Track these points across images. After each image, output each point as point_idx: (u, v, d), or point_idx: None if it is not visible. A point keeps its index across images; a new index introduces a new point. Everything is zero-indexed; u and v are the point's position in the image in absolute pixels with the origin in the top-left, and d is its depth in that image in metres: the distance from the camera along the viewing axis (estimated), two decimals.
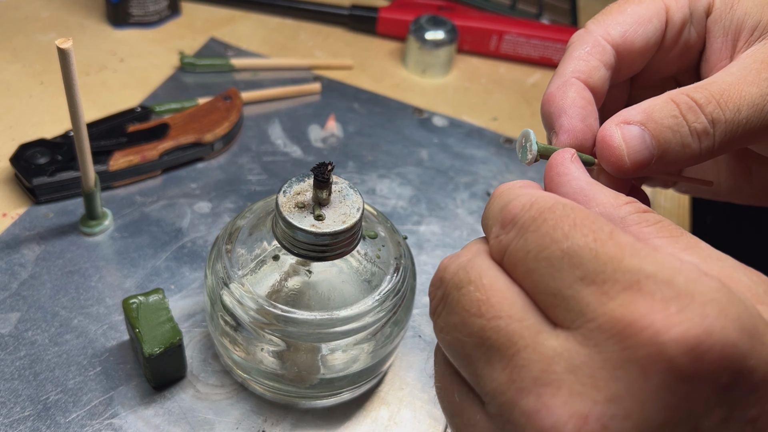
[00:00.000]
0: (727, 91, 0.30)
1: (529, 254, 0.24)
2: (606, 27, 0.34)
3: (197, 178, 0.54)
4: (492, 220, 0.26)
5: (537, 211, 0.24)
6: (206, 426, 0.39)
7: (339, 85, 0.65)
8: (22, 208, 0.50)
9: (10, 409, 0.39)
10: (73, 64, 0.39)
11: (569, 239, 0.23)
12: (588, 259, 0.22)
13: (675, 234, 0.25)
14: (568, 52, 0.34)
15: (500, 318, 0.24)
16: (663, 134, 0.30)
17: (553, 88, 0.33)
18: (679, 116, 0.30)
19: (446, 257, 0.27)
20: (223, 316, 0.38)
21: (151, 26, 0.67)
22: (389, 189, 0.55)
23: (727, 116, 0.30)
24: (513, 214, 0.25)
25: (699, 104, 0.30)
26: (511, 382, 0.23)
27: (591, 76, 0.33)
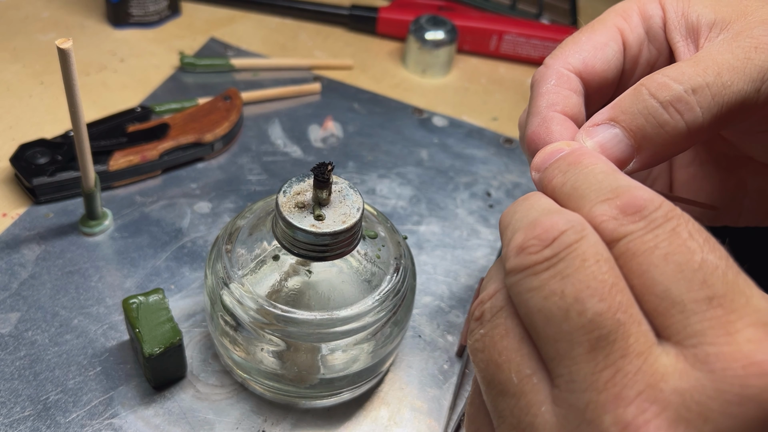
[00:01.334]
0: (701, 60, 0.29)
1: (658, 251, 0.22)
2: (564, 58, 0.33)
3: (197, 178, 0.54)
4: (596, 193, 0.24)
5: (669, 212, 0.23)
6: (206, 426, 0.39)
7: (339, 85, 0.65)
8: (22, 208, 0.50)
9: (10, 409, 0.39)
10: (73, 64, 0.39)
11: (704, 253, 0.22)
12: (722, 282, 0.21)
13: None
14: (534, 91, 0.33)
15: (624, 312, 0.22)
16: (635, 121, 0.28)
17: (534, 127, 0.32)
18: (648, 97, 0.28)
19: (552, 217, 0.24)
20: (223, 316, 0.38)
21: (151, 26, 0.67)
22: (389, 189, 0.55)
23: (709, 80, 0.28)
24: (641, 204, 0.23)
25: (672, 77, 0.28)
26: (612, 383, 0.21)
27: (566, 105, 0.32)
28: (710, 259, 0.22)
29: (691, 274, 0.22)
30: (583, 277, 0.22)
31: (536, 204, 0.26)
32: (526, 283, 0.23)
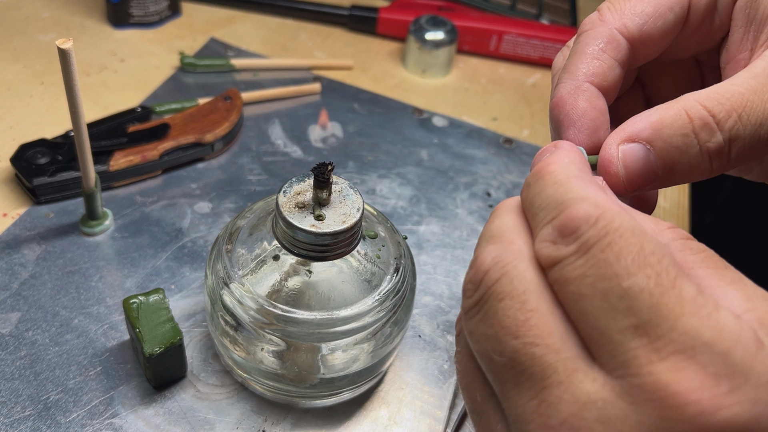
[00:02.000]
0: (750, 101, 0.27)
1: (586, 279, 0.22)
2: (622, 17, 0.31)
3: (197, 178, 0.54)
4: (545, 212, 0.24)
5: (602, 229, 0.22)
6: (206, 426, 0.39)
7: (339, 85, 0.65)
8: (23, 208, 0.50)
9: (10, 409, 0.39)
10: (73, 65, 0.39)
11: (631, 277, 0.21)
12: (646, 306, 0.21)
13: (719, 266, 0.23)
14: (580, 46, 0.31)
15: (537, 345, 0.22)
16: (670, 155, 0.28)
17: (564, 92, 0.30)
18: (690, 134, 0.27)
19: (487, 251, 0.25)
20: (224, 315, 0.38)
21: (152, 26, 0.67)
22: (389, 189, 0.56)
23: (747, 132, 0.27)
24: (575, 224, 0.23)
25: (717, 120, 0.27)
26: (537, 414, 0.22)
27: (606, 77, 0.31)
28: (636, 283, 0.21)
29: (616, 302, 0.21)
30: (500, 317, 0.23)
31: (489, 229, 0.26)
32: (466, 326, 0.24)
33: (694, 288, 0.21)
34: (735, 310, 0.22)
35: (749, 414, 0.19)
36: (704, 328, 0.20)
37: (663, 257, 0.21)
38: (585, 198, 0.23)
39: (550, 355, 0.22)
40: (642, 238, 0.22)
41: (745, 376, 0.20)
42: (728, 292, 0.22)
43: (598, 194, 0.23)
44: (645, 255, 0.21)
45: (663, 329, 0.20)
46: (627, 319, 0.21)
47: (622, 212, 0.23)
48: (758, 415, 0.19)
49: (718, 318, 0.20)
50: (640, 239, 0.22)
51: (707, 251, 0.24)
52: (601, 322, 0.21)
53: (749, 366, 0.20)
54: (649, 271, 0.21)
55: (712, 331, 0.20)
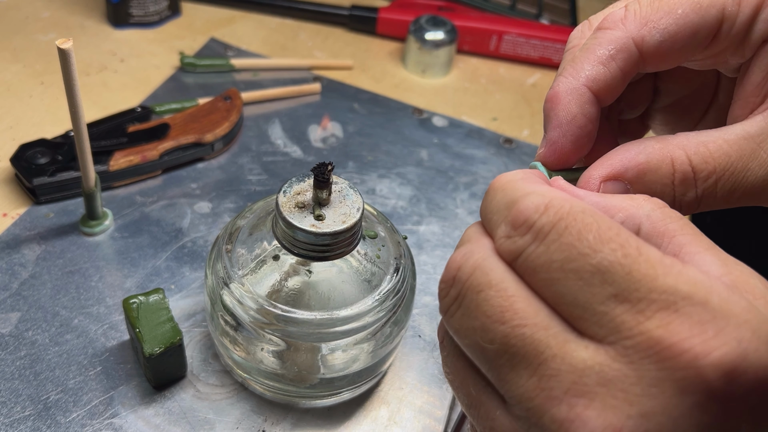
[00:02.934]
0: (733, 165, 0.28)
1: (554, 264, 0.23)
2: (644, 28, 0.30)
3: (197, 178, 0.54)
4: (497, 215, 0.25)
5: (555, 215, 0.23)
6: (206, 426, 0.39)
7: (339, 85, 0.65)
8: (23, 208, 0.50)
9: (10, 409, 0.39)
10: (73, 65, 0.39)
11: (598, 253, 0.22)
12: (621, 276, 0.22)
13: (696, 232, 0.25)
14: (593, 44, 0.30)
15: (525, 326, 0.23)
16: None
17: (561, 89, 0.30)
18: (670, 185, 0.28)
19: (456, 252, 0.26)
20: (224, 315, 0.38)
21: (152, 26, 0.67)
22: (389, 189, 0.56)
23: (720, 194, 0.29)
24: (525, 215, 0.24)
25: (698, 178, 0.28)
26: (540, 389, 0.23)
27: (606, 85, 0.30)
28: (605, 257, 0.22)
29: (590, 278, 0.22)
30: (483, 308, 0.24)
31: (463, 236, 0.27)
32: (449, 325, 0.25)
33: (657, 252, 0.23)
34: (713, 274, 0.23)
35: (736, 351, 0.21)
36: (680, 284, 0.22)
37: (620, 230, 0.23)
38: (531, 191, 0.24)
39: (540, 332, 0.23)
40: (595, 216, 0.23)
41: (726, 319, 0.21)
42: (706, 258, 0.24)
43: (543, 187, 0.25)
44: (604, 230, 0.23)
45: (642, 292, 0.22)
46: (605, 290, 0.22)
47: (571, 198, 0.24)
48: (744, 351, 0.21)
49: (689, 273, 0.22)
50: (595, 218, 0.23)
51: (683, 219, 0.25)
52: (581, 299, 0.23)
53: (727, 310, 0.21)
54: (613, 245, 0.22)
55: (687, 285, 0.22)
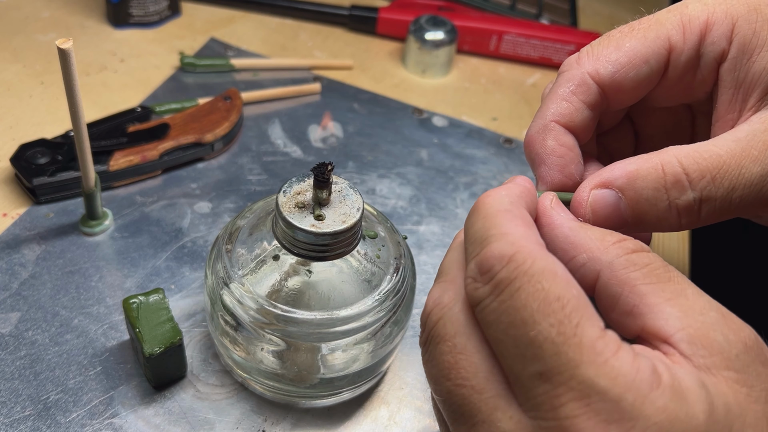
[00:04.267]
0: (726, 164, 0.28)
1: (501, 325, 0.24)
2: (596, 63, 0.32)
3: (197, 178, 0.54)
4: (472, 247, 0.26)
5: (514, 271, 0.23)
6: (206, 426, 0.39)
7: (339, 85, 0.65)
8: (23, 208, 0.50)
9: (10, 409, 0.39)
10: (73, 65, 0.39)
11: (536, 326, 0.23)
12: (549, 354, 0.22)
13: (663, 279, 0.25)
14: (554, 87, 0.33)
15: (464, 387, 0.25)
16: (640, 205, 0.29)
17: (533, 132, 0.32)
18: (662, 189, 0.28)
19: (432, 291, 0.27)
20: (223, 315, 0.38)
21: (152, 26, 0.67)
22: (389, 189, 0.56)
23: (720, 194, 0.28)
24: (490, 263, 0.24)
25: (690, 179, 0.28)
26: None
27: (573, 118, 0.32)
28: (540, 332, 0.22)
29: (524, 350, 0.23)
30: (437, 360, 0.26)
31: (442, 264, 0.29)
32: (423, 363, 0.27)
33: (596, 333, 0.22)
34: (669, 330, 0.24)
35: None
36: (599, 377, 0.22)
37: (567, 303, 0.23)
38: (504, 234, 0.25)
39: (474, 396, 0.24)
40: (550, 282, 0.23)
41: (633, 421, 0.21)
42: (665, 310, 0.24)
43: (518, 230, 0.25)
44: (549, 302, 0.23)
45: (564, 377, 0.22)
46: (534, 365, 0.23)
47: (536, 252, 0.24)
48: None
49: (614, 364, 0.22)
50: (548, 284, 0.23)
51: (652, 264, 0.25)
52: (515, 367, 0.23)
53: (639, 410, 0.21)
54: (552, 320, 0.22)
55: (606, 379, 0.22)
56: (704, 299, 0.25)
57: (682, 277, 0.25)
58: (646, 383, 0.22)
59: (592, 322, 0.23)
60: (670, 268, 0.25)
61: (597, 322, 0.23)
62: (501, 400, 0.24)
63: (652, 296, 0.25)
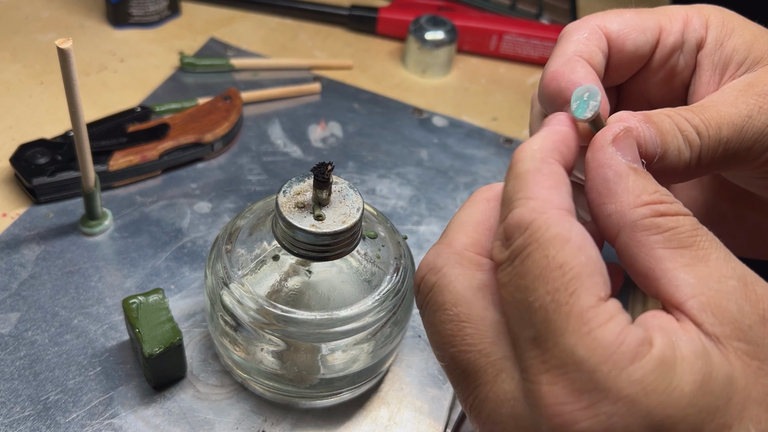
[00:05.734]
0: (708, 109, 0.31)
1: (509, 287, 0.24)
2: (603, 20, 0.34)
3: (197, 178, 0.54)
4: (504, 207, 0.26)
5: (529, 237, 0.24)
6: (206, 426, 0.39)
7: (339, 85, 0.65)
8: (22, 208, 0.50)
9: (10, 409, 0.39)
10: (73, 64, 0.39)
11: (534, 292, 0.23)
12: (540, 321, 0.23)
13: (685, 244, 0.25)
14: (565, 38, 0.33)
15: (470, 352, 0.25)
16: (665, 136, 0.30)
17: (557, 66, 0.31)
18: (673, 123, 0.30)
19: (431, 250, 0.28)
20: (223, 316, 0.38)
21: (151, 26, 0.67)
22: (389, 189, 0.55)
23: (711, 132, 0.30)
24: (511, 230, 0.25)
25: (686, 117, 0.30)
26: (472, 408, 0.25)
27: (592, 58, 0.32)
28: (537, 298, 0.23)
29: (524, 314, 0.24)
30: (437, 327, 0.26)
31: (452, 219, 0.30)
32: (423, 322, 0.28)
33: (591, 301, 0.23)
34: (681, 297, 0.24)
35: (603, 425, 0.22)
36: (579, 346, 0.22)
37: (569, 271, 0.23)
38: (527, 199, 0.25)
39: (481, 360, 0.25)
40: (557, 249, 0.23)
41: (604, 392, 0.22)
42: (679, 276, 0.24)
43: (542, 193, 0.25)
44: (551, 270, 0.23)
45: (549, 344, 0.23)
46: (528, 330, 0.23)
47: (553, 218, 0.24)
48: (611, 426, 0.22)
49: (597, 335, 0.22)
50: (554, 251, 0.23)
51: (678, 227, 0.25)
52: (515, 329, 0.24)
53: (612, 382, 0.22)
54: (550, 287, 0.23)
55: (585, 349, 0.22)
56: (728, 266, 0.24)
57: (712, 243, 0.25)
58: (628, 355, 0.22)
59: (591, 291, 0.23)
60: (699, 233, 0.25)
61: (597, 291, 0.23)
62: (507, 361, 0.25)
63: (669, 261, 0.24)
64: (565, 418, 0.22)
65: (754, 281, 0.24)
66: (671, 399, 0.22)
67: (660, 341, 0.23)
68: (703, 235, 0.25)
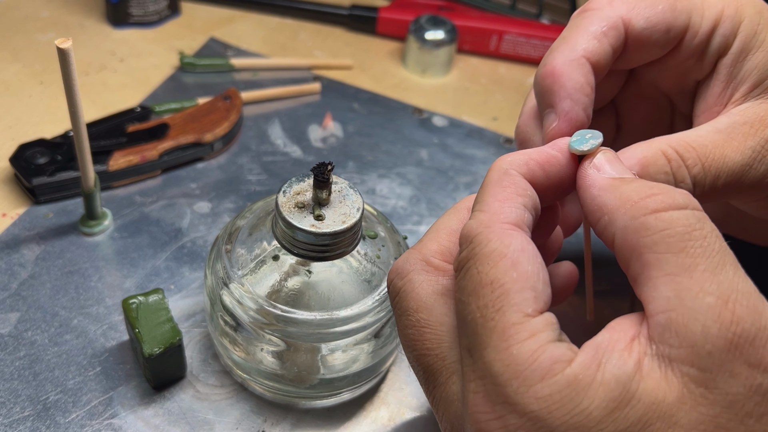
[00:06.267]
0: (712, 153, 0.30)
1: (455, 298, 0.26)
2: (631, 12, 0.31)
3: (197, 178, 0.54)
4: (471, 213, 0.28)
5: (471, 251, 0.25)
6: (206, 426, 0.39)
7: (339, 85, 0.65)
8: (22, 208, 0.50)
9: (9, 409, 0.39)
10: (72, 64, 0.39)
11: (469, 306, 0.25)
12: (471, 333, 0.25)
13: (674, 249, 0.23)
14: (584, 21, 0.31)
15: (428, 356, 0.27)
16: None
17: (560, 62, 0.30)
18: (670, 174, 0.29)
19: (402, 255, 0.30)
20: (223, 316, 0.38)
21: (151, 26, 0.67)
22: (389, 189, 0.55)
23: (708, 181, 0.30)
24: (462, 240, 0.26)
25: (687, 165, 0.29)
26: (433, 406, 0.28)
27: (600, 59, 0.31)
28: (470, 312, 0.25)
29: (462, 324, 0.25)
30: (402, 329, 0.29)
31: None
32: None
33: (516, 317, 0.24)
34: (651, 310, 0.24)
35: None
36: (496, 361, 0.24)
37: (498, 287, 0.24)
38: (480, 211, 0.26)
39: (437, 363, 0.27)
40: (490, 266, 0.25)
41: (512, 406, 0.23)
42: (658, 287, 0.24)
43: (494, 206, 0.26)
44: (482, 286, 0.24)
45: (476, 356, 0.24)
46: (464, 339, 0.25)
47: (495, 233, 0.25)
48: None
49: (513, 351, 0.23)
50: (487, 268, 0.25)
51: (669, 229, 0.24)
52: (459, 336, 0.26)
53: (520, 397, 0.23)
54: (480, 303, 0.24)
55: (500, 365, 0.23)
56: (714, 279, 0.23)
57: (706, 248, 0.23)
58: (538, 373, 0.23)
59: (517, 308, 0.24)
60: (693, 236, 0.23)
61: (524, 307, 0.24)
62: (459, 365, 0.26)
63: (654, 268, 0.24)
64: (481, 426, 0.24)
65: (738, 299, 0.22)
66: (576, 420, 0.22)
67: (581, 360, 0.23)
68: (698, 238, 0.23)
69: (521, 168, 0.28)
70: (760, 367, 0.22)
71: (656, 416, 0.22)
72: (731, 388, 0.22)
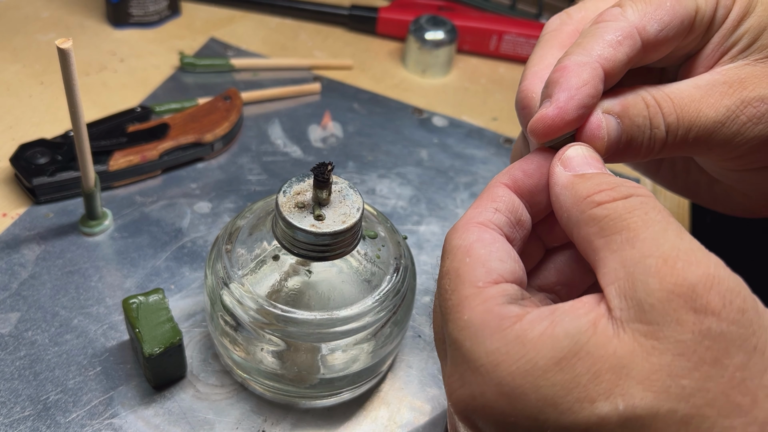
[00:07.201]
0: (688, 106, 0.31)
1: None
2: (644, 19, 0.31)
3: (197, 178, 0.54)
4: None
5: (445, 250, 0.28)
6: (206, 426, 0.39)
7: (339, 85, 0.65)
8: (22, 208, 0.50)
9: (10, 409, 0.39)
10: (73, 64, 0.39)
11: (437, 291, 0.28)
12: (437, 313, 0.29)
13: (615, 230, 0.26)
14: (599, 31, 0.31)
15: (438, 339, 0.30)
16: (632, 130, 0.31)
17: (572, 62, 0.30)
18: (647, 118, 0.31)
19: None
20: (223, 316, 0.38)
21: (151, 26, 0.67)
22: (389, 189, 0.55)
23: (680, 132, 0.31)
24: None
25: (663, 113, 0.31)
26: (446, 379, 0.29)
27: (614, 67, 0.31)
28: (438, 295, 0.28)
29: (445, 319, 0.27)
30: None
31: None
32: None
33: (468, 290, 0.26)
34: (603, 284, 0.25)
35: (467, 393, 0.26)
36: (454, 330, 0.26)
37: (453, 273, 0.27)
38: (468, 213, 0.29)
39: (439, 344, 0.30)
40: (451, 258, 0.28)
41: (467, 364, 0.25)
42: (608, 264, 0.25)
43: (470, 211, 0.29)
44: (442, 276, 0.28)
45: (443, 332, 0.28)
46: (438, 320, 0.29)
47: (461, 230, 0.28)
48: (472, 393, 0.25)
49: (466, 317, 0.26)
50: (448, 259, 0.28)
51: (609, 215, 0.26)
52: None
53: (473, 353, 0.25)
54: (441, 290, 0.28)
55: (457, 331, 0.26)
56: (655, 243, 0.24)
57: (646, 220, 0.25)
58: (487, 331, 0.25)
59: (469, 283, 0.26)
60: (634, 213, 0.25)
61: (475, 281, 0.26)
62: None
63: (604, 250, 0.26)
64: (449, 388, 0.26)
65: (679, 255, 0.24)
66: (522, 371, 0.24)
67: (531, 317, 0.25)
68: (639, 214, 0.25)
69: (503, 177, 0.30)
70: (707, 311, 0.23)
71: (606, 368, 0.23)
72: (680, 335, 0.23)
